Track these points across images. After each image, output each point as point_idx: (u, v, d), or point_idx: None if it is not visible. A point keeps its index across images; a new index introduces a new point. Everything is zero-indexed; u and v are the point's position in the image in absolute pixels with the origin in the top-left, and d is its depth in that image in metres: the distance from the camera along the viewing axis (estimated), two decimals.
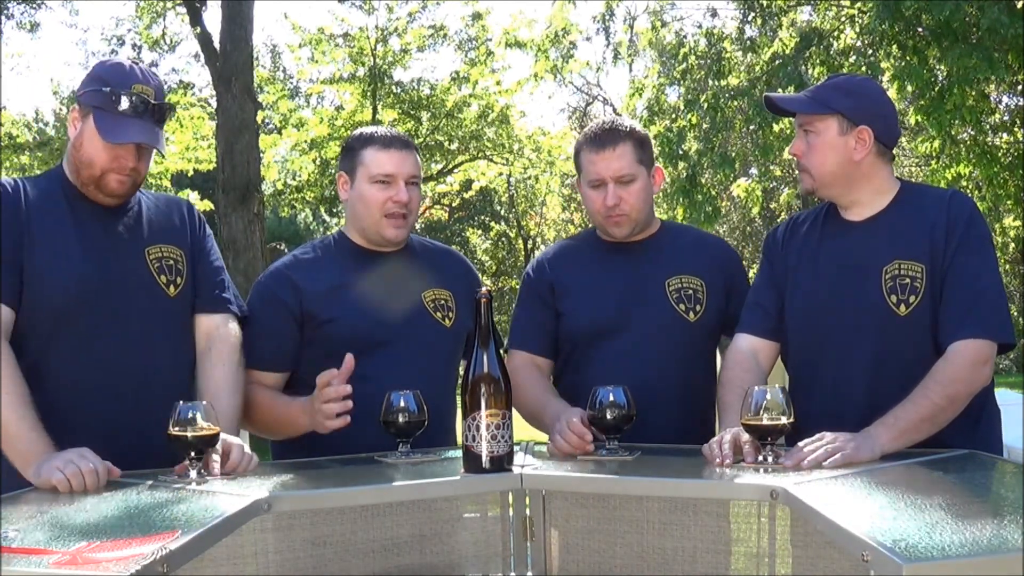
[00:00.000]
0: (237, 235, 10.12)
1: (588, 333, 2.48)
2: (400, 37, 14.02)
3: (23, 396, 2.00)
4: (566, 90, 24.47)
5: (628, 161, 2.42)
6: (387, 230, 2.41)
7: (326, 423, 2.13)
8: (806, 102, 2.27)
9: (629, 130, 2.47)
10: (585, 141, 2.49)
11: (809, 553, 1.66)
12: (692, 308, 2.46)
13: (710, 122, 9.77)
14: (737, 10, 10.32)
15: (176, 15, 13.79)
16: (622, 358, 2.43)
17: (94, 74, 2.20)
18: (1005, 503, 1.62)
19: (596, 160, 2.43)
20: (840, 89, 2.26)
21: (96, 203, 2.21)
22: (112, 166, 2.15)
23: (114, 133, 2.12)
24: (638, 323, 2.45)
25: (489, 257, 25.66)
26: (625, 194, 2.43)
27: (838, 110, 2.21)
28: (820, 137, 2.22)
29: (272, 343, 2.40)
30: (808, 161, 2.25)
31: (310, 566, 1.78)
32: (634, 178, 2.43)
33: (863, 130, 2.20)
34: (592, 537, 1.89)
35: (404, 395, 2.13)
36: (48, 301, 2.11)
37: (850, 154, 2.21)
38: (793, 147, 2.30)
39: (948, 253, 2.14)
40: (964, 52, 7.73)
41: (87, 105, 2.16)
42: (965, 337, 2.08)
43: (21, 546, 1.35)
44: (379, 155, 2.40)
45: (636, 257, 2.50)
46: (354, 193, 2.44)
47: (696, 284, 2.49)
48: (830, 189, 2.27)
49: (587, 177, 2.47)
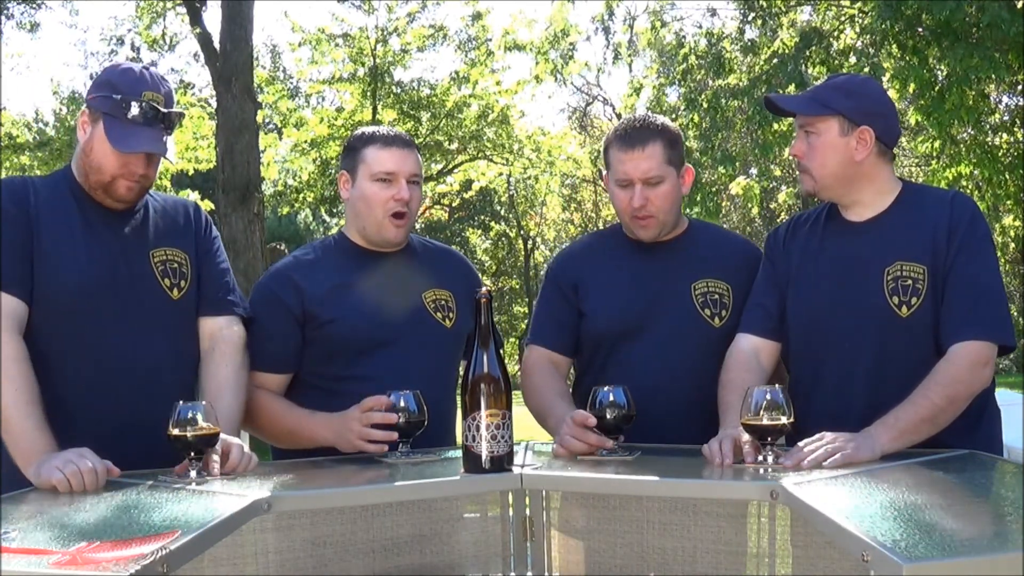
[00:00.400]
0: (237, 235, 10.12)
1: (611, 334, 2.44)
2: (400, 37, 14.02)
3: (30, 393, 2.00)
4: (566, 90, 24.50)
5: (657, 162, 2.36)
6: (388, 230, 2.41)
7: (360, 443, 2.15)
8: (807, 103, 2.26)
9: (660, 128, 2.40)
10: (615, 138, 2.42)
11: (809, 553, 1.67)
12: (717, 314, 2.43)
13: (710, 121, 9.77)
14: (737, 10, 10.33)
15: (176, 15, 13.79)
16: (644, 361, 2.40)
17: (104, 79, 2.18)
18: (1005, 503, 1.62)
19: (625, 159, 2.37)
20: (841, 89, 2.25)
21: (104, 205, 2.21)
22: (121, 172, 2.15)
23: (124, 142, 2.11)
24: (662, 327, 2.42)
25: (489, 257, 25.68)
26: (653, 195, 2.37)
27: (839, 111, 2.20)
28: (821, 138, 2.21)
29: (275, 344, 2.39)
30: (809, 162, 2.24)
31: (310, 566, 1.78)
32: (662, 179, 2.37)
33: (864, 130, 2.19)
34: (592, 537, 1.89)
35: (404, 395, 2.13)
36: (53, 301, 2.11)
37: (851, 154, 2.20)
38: (794, 148, 2.29)
39: (950, 254, 2.14)
40: (965, 52, 7.73)
41: (97, 111, 2.15)
42: (966, 338, 2.08)
43: (21, 546, 1.35)
44: (380, 153, 2.40)
45: (663, 258, 2.46)
46: (355, 192, 2.44)
47: (722, 288, 2.44)
48: (831, 190, 2.26)
49: (615, 176, 2.42)
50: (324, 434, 2.25)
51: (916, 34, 8.57)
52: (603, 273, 2.50)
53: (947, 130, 8.95)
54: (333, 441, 2.22)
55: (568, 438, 2.08)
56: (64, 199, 2.19)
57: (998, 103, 10.65)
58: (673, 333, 2.41)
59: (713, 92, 9.82)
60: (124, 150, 2.11)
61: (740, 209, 21.52)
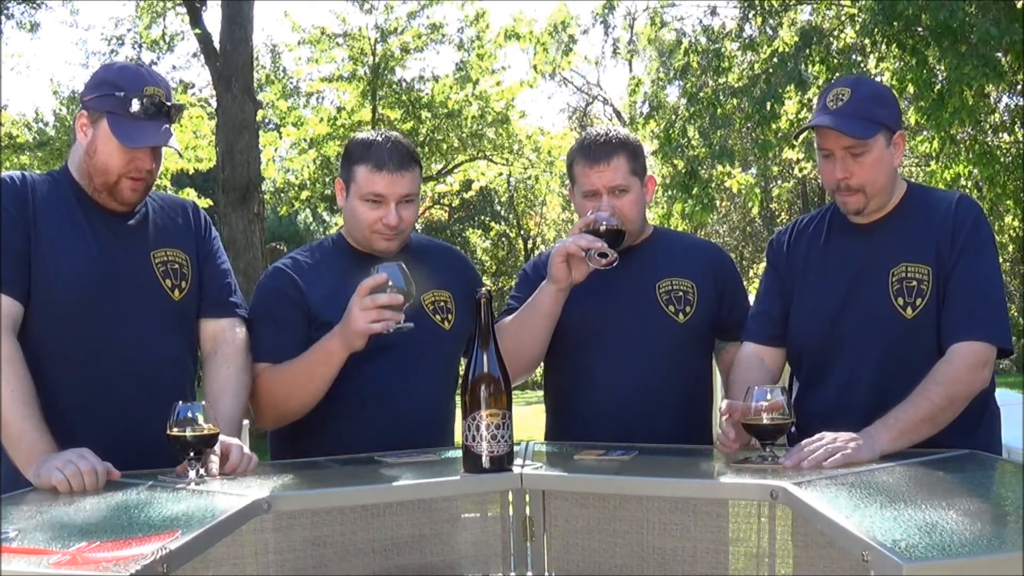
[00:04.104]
0: (237, 235, 10.14)
1: (576, 333, 2.47)
2: (399, 37, 14.03)
3: (27, 394, 2.00)
4: (566, 90, 24.50)
5: (622, 173, 2.43)
6: (378, 244, 2.41)
7: (367, 326, 2.11)
8: (859, 125, 2.14)
9: (623, 141, 2.47)
10: (579, 153, 2.49)
11: (809, 553, 1.67)
12: (681, 309, 2.47)
13: (709, 118, 9.77)
14: (737, 9, 10.32)
15: (176, 15, 13.81)
16: (611, 359, 2.44)
17: (102, 78, 2.18)
18: (1005, 503, 1.62)
19: (590, 172, 2.44)
20: (876, 99, 2.20)
21: (104, 206, 2.21)
22: (128, 169, 2.14)
23: (131, 137, 2.10)
24: (626, 324, 2.46)
25: (489, 257, 25.67)
26: (619, 204, 2.43)
27: (884, 123, 2.17)
28: (872, 155, 2.16)
29: (287, 333, 2.35)
30: (861, 181, 2.17)
31: (310, 566, 1.78)
32: (628, 189, 2.44)
33: (900, 135, 2.21)
34: (592, 537, 1.89)
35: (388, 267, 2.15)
36: (53, 301, 2.11)
37: (892, 162, 2.21)
38: (838, 171, 2.17)
39: (952, 256, 2.14)
40: (963, 58, 7.74)
41: (97, 110, 2.14)
42: (966, 339, 2.08)
43: (21, 546, 1.35)
44: (371, 176, 2.36)
45: (627, 261, 2.48)
46: (348, 204, 2.44)
47: (687, 286, 2.49)
48: (878, 201, 2.22)
49: (581, 188, 2.47)
50: (332, 344, 2.21)
51: (915, 35, 8.57)
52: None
53: (947, 130, 8.95)
54: (342, 341, 2.18)
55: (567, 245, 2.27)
56: (65, 198, 2.18)
57: (998, 103, 10.64)
58: (637, 330, 2.45)
59: (712, 90, 9.81)
60: (132, 145, 2.10)
61: (740, 208, 21.52)
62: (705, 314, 2.49)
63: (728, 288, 2.55)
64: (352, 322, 2.13)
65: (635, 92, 11.29)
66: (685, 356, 2.50)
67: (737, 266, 2.78)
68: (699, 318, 2.48)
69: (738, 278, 2.63)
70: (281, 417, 2.37)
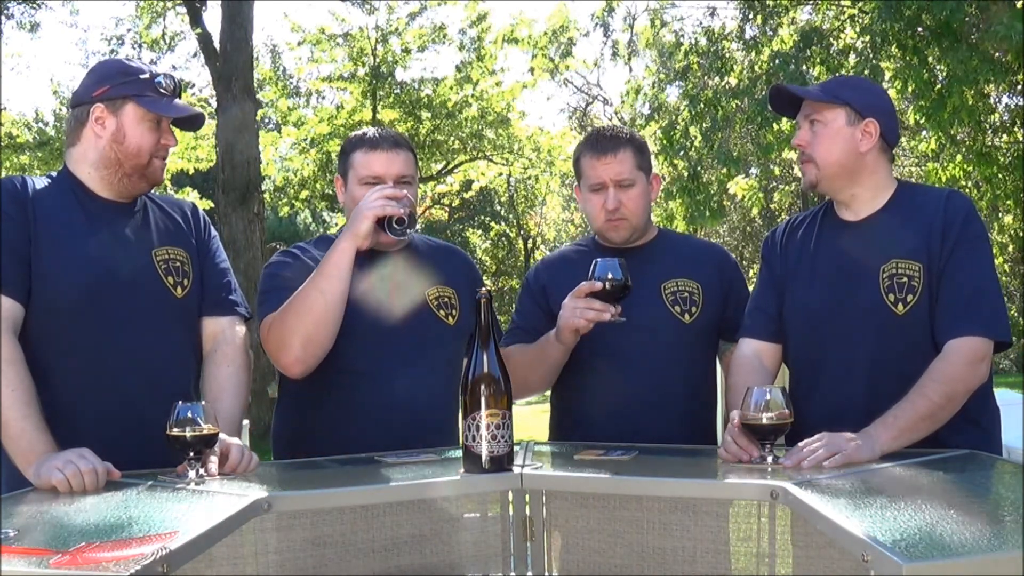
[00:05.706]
0: (237, 235, 10.14)
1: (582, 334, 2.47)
2: (400, 37, 14.03)
3: (28, 394, 2.00)
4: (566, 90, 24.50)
5: (628, 166, 2.47)
6: (381, 235, 2.41)
7: (375, 211, 2.21)
8: (815, 91, 2.29)
9: (629, 136, 2.52)
10: (586, 147, 2.53)
11: (809, 553, 1.67)
12: (687, 310, 2.48)
13: (710, 120, 9.77)
14: (737, 9, 10.32)
15: (176, 15, 13.80)
16: (616, 360, 2.45)
17: (110, 70, 2.25)
18: (1005, 503, 1.62)
19: (597, 165, 2.47)
20: (848, 83, 2.31)
21: (106, 205, 2.22)
22: (158, 148, 2.23)
23: (169, 109, 2.22)
24: (632, 324, 2.44)
25: (489, 257, 25.68)
26: (625, 198, 2.47)
27: (847, 101, 2.22)
28: (828, 126, 2.23)
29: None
30: (814, 150, 2.24)
31: (310, 566, 1.78)
32: (634, 183, 2.48)
33: (870, 122, 2.21)
34: (592, 537, 1.89)
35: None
36: (55, 301, 2.11)
37: (856, 145, 2.22)
38: (797, 138, 2.29)
39: (944, 252, 2.14)
40: (965, 55, 7.73)
41: (117, 98, 2.19)
42: (961, 335, 2.08)
43: (21, 546, 1.35)
44: (367, 157, 2.41)
45: (633, 262, 2.49)
46: (348, 196, 2.44)
47: (692, 287, 2.51)
48: (833, 181, 2.26)
49: (588, 182, 2.50)
50: (342, 243, 2.25)
51: (916, 34, 8.57)
52: (572, 277, 2.50)
53: (947, 130, 8.95)
54: (350, 229, 2.24)
55: (571, 310, 2.23)
56: (65, 199, 2.19)
57: (997, 103, 10.65)
58: (642, 331, 2.44)
59: (713, 91, 9.81)
60: (174, 115, 2.23)
61: (740, 209, 21.52)
62: (711, 315, 2.50)
63: (733, 289, 2.57)
64: (366, 208, 2.23)
65: (632, 95, 11.29)
66: (691, 357, 2.50)
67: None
68: (705, 319, 2.49)
69: (743, 279, 2.64)
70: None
